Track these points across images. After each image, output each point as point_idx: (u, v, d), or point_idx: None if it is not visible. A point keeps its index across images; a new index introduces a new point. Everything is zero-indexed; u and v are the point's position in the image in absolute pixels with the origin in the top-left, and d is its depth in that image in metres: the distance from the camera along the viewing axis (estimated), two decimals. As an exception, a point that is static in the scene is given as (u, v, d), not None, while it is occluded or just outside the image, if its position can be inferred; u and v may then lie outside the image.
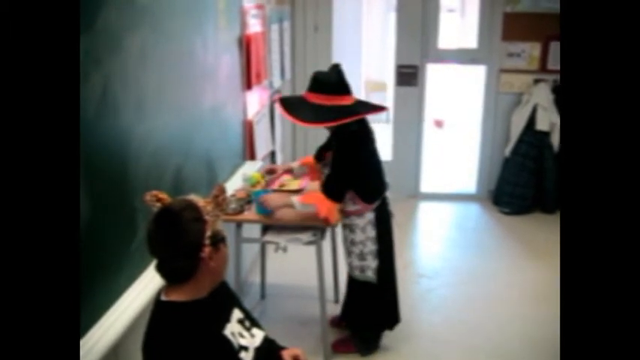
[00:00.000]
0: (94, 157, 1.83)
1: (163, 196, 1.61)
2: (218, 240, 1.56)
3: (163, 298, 1.60)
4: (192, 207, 1.55)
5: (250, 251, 3.92)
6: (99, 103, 1.85)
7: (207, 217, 1.54)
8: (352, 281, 3.05)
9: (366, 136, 2.79)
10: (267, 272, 3.70)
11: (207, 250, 1.52)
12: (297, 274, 3.88)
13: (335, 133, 2.74)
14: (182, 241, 1.52)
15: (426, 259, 4.40)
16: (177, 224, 1.52)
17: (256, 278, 3.78)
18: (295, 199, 2.63)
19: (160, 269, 1.57)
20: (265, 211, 2.75)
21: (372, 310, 3.03)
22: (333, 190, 2.68)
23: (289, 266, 3.96)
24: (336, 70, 2.70)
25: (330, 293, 3.51)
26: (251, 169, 3.53)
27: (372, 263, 2.90)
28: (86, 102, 1.76)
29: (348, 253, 2.96)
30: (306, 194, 2.65)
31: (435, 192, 5.74)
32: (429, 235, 4.92)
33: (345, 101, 2.68)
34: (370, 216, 2.85)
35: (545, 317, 3.48)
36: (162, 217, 1.55)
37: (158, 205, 1.59)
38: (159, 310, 1.60)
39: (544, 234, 4.78)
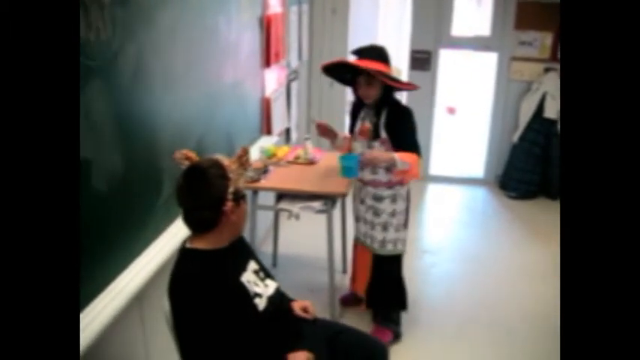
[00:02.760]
0: (127, 120, 2.03)
1: (192, 154, 1.80)
2: (240, 196, 1.77)
3: (188, 245, 1.80)
4: (218, 165, 1.75)
5: (264, 221, 4.12)
6: (133, 71, 2.04)
7: (230, 175, 1.73)
8: (381, 260, 3.03)
9: None
10: (280, 242, 3.90)
11: (229, 204, 1.71)
12: (307, 245, 4.08)
13: (387, 102, 2.80)
14: (207, 194, 1.71)
15: (431, 237, 4.58)
16: (204, 179, 1.72)
17: (269, 248, 3.97)
18: (396, 156, 2.68)
19: (187, 219, 1.77)
20: (354, 174, 2.83)
21: (401, 284, 3.12)
22: (419, 147, 2.78)
23: (300, 237, 4.16)
24: (384, 47, 2.84)
25: (338, 264, 3.70)
26: (267, 142, 3.73)
27: (403, 234, 3.00)
28: (123, 70, 1.96)
29: (384, 227, 2.95)
30: (399, 153, 2.69)
31: (444, 175, 5.90)
32: (436, 216, 5.10)
33: (390, 71, 2.78)
34: (407, 184, 2.96)
35: (544, 295, 3.66)
36: (192, 172, 1.74)
37: (186, 162, 1.78)
38: (183, 256, 1.79)
39: (548, 218, 4.94)
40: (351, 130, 3.03)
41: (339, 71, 2.88)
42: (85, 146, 1.75)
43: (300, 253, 4.07)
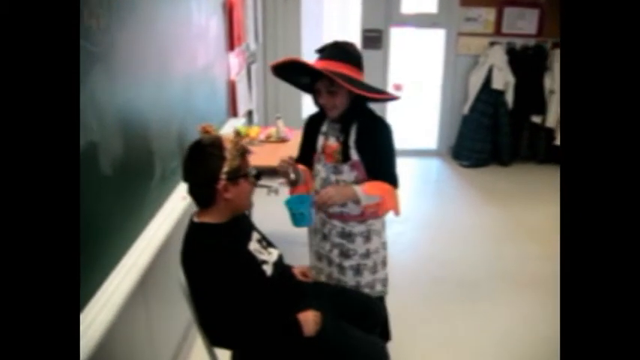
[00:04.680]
0: (124, 104, 2.10)
1: (210, 128, 1.90)
2: (238, 175, 1.84)
3: (196, 220, 1.91)
4: (217, 145, 1.83)
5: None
6: (127, 57, 2.11)
7: (227, 155, 1.81)
8: None
9: None
10: (256, 216, 4.00)
11: (222, 183, 1.81)
12: (285, 220, 4.19)
13: (357, 114, 2.23)
14: (202, 171, 1.82)
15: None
16: (199, 157, 1.82)
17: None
18: (359, 190, 2.15)
19: (189, 193, 1.88)
20: (308, 221, 2.16)
21: (386, 326, 2.58)
22: (396, 176, 2.29)
23: (276, 211, 4.28)
24: (354, 46, 2.24)
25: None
26: (236, 124, 3.82)
27: (381, 273, 2.44)
28: (119, 55, 2.03)
29: (357, 270, 2.38)
30: (367, 184, 2.17)
31: (399, 148, 6.08)
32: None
33: (359, 76, 2.19)
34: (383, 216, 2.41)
35: (502, 253, 3.95)
36: (191, 150, 1.84)
37: (206, 135, 1.88)
38: (194, 229, 1.90)
39: (500, 183, 5.26)
40: (306, 151, 2.40)
41: (294, 72, 2.23)
42: (92, 130, 1.82)
43: (276, 230, 4.18)
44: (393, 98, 2.23)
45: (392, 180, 2.25)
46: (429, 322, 3.17)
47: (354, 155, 2.21)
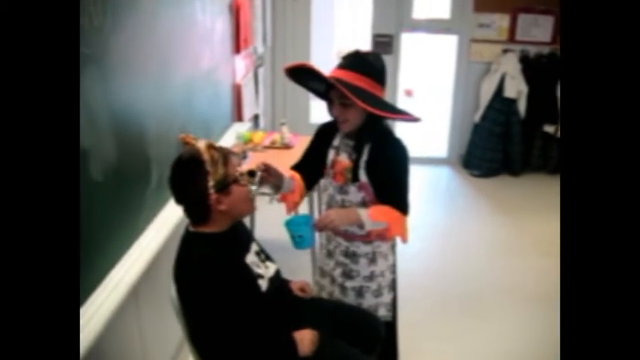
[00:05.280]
0: (119, 109, 2.02)
1: (190, 139, 1.80)
2: (227, 184, 1.74)
3: (191, 229, 1.82)
4: (197, 159, 1.71)
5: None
6: (123, 59, 2.03)
7: (208, 168, 1.70)
8: None
9: None
10: (257, 224, 3.91)
11: (213, 197, 1.72)
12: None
13: (372, 133, 2.07)
14: (189, 191, 1.74)
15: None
16: (183, 176, 1.74)
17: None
18: (364, 215, 2.00)
19: (184, 212, 1.80)
20: (308, 244, 2.04)
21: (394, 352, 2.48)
22: (406, 203, 2.10)
23: (278, 219, 4.18)
24: (379, 57, 2.04)
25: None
26: (240, 129, 3.74)
27: (386, 298, 2.29)
28: (114, 57, 1.95)
29: (358, 292, 2.25)
30: (374, 209, 2.03)
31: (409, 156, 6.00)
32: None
33: (379, 92, 2.00)
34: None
35: (511, 266, 3.83)
36: (173, 170, 1.75)
37: (186, 147, 1.79)
38: (189, 239, 1.82)
39: (511, 194, 5.13)
40: (307, 160, 2.28)
41: (310, 77, 2.04)
42: (82, 135, 1.74)
43: (278, 236, 4.09)
44: (411, 119, 2.04)
45: (402, 207, 2.08)
46: (437, 338, 3.08)
47: (363, 176, 2.07)
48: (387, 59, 5.53)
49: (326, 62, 2.19)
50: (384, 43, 5.61)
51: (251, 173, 1.87)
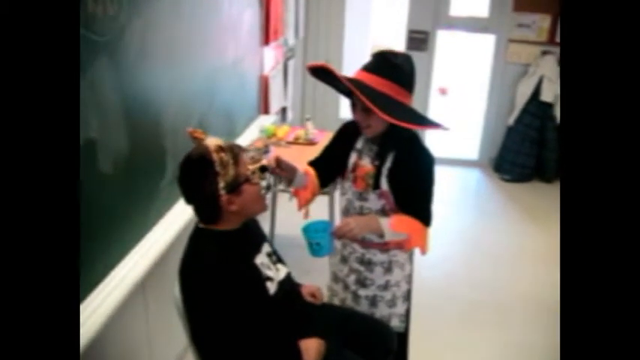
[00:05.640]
0: (132, 98, 1.96)
1: (199, 134, 1.72)
2: (238, 184, 1.66)
3: (200, 225, 1.75)
4: (206, 160, 1.63)
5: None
6: (139, 48, 1.97)
7: (218, 169, 1.62)
8: None
9: None
10: (277, 222, 3.85)
11: (224, 198, 1.65)
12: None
13: (397, 140, 1.94)
14: (198, 192, 1.66)
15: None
16: (192, 178, 1.66)
17: (266, 228, 3.92)
18: (385, 224, 1.91)
19: (194, 212, 1.73)
20: (326, 251, 1.93)
21: None
22: (430, 214, 2.02)
23: (299, 218, 4.12)
24: (409, 60, 1.89)
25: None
26: (265, 122, 3.67)
27: (400, 308, 2.19)
28: (129, 46, 1.89)
29: (372, 301, 2.15)
30: (395, 219, 1.93)
31: (438, 156, 5.84)
32: (431, 198, 5.08)
33: (405, 99, 1.87)
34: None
35: (541, 277, 3.68)
36: (182, 170, 1.67)
37: (196, 141, 1.71)
38: (197, 236, 1.75)
39: (543, 201, 4.95)
40: (326, 157, 2.17)
41: (333, 77, 1.87)
42: (91, 125, 1.69)
43: (297, 234, 4.02)
44: (437, 129, 1.90)
45: (425, 218, 1.98)
46: (455, 349, 2.97)
47: (384, 184, 1.95)
48: (421, 56, 5.50)
49: (360, 57, 2.03)
50: (419, 39, 5.47)
51: (263, 169, 1.79)
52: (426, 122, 1.92)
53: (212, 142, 1.68)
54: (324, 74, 1.92)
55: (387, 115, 1.75)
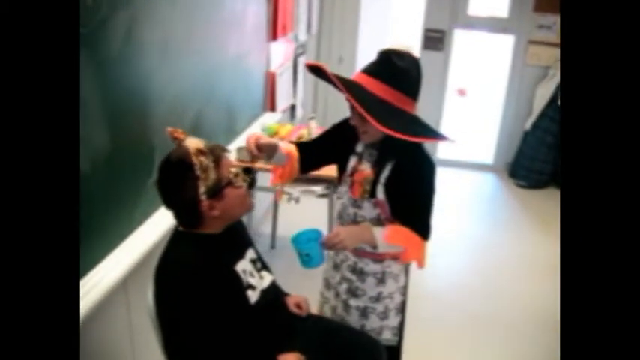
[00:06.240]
0: (115, 93, 1.86)
1: (179, 134, 1.61)
2: (220, 188, 1.57)
3: (180, 228, 1.66)
4: (186, 163, 1.54)
5: (263, 201, 3.97)
6: (123, 42, 1.87)
7: (198, 173, 1.53)
8: None
9: None
10: (279, 223, 3.76)
11: (205, 203, 1.55)
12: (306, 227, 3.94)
13: (396, 148, 1.78)
14: (178, 197, 1.57)
15: (434, 224, 4.40)
16: (171, 182, 1.57)
17: (267, 229, 3.84)
18: (379, 235, 1.79)
19: (174, 217, 1.63)
20: (317, 262, 1.81)
21: None
22: (429, 227, 1.88)
23: (300, 219, 4.01)
24: (417, 64, 1.76)
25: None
26: (270, 120, 3.56)
27: (393, 321, 2.07)
28: (111, 38, 1.79)
29: (362, 312, 2.03)
30: (391, 230, 1.80)
31: (452, 159, 5.72)
32: (440, 201, 4.89)
33: (408, 106, 1.75)
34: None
35: (550, 291, 3.51)
36: (161, 173, 1.58)
37: (175, 142, 1.61)
38: (175, 238, 1.65)
39: (558, 209, 4.77)
40: (316, 145, 2.05)
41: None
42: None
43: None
44: (438, 140, 1.79)
45: (423, 231, 1.84)
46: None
47: (380, 194, 1.83)
48: (437, 56, 5.35)
49: (375, 55, 1.88)
50: (436, 38, 5.33)
51: (247, 171, 1.68)
52: (428, 134, 1.76)
53: (192, 143, 1.58)
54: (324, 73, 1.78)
55: (382, 126, 1.61)
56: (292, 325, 1.84)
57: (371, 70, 1.73)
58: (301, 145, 2.03)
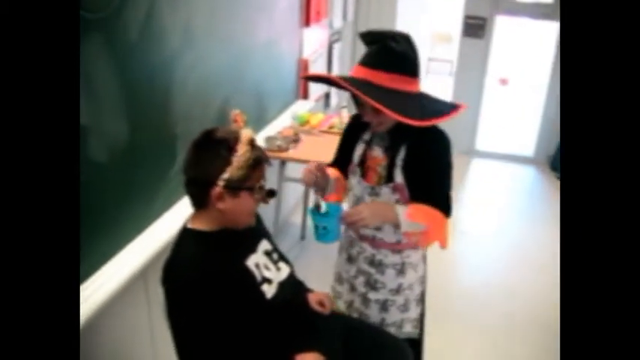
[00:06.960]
0: (134, 80, 1.81)
1: (239, 119, 1.55)
2: (240, 187, 1.50)
3: (188, 225, 1.59)
4: (229, 143, 1.48)
5: (294, 192, 3.90)
6: (144, 25, 1.81)
7: (233, 159, 1.48)
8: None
9: None
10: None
11: (217, 189, 1.48)
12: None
13: (410, 130, 1.67)
14: (199, 168, 1.49)
15: (472, 218, 4.28)
16: (202, 152, 1.50)
17: (297, 219, 3.77)
18: (402, 213, 1.73)
19: (185, 187, 1.56)
20: (332, 237, 1.76)
21: None
22: (449, 203, 1.80)
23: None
24: (410, 41, 1.72)
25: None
26: (302, 108, 3.48)
27: (413, 312, 2.00)
28: (130, 23, 1.73)
29: (382, 306, 1.97)
30: (413, 208, 1.74)
31: (491, 151, 5.55)
32: (478, 194, 4.78)
33: (414, 87, 1.70)
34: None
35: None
36: (198, 140, 1.52)
37: (223, 128, 1.55)
38: (181, 236, 1.59)
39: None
40: (343, 155, 1.98)
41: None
42: (81, 111, 1.54)
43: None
44: (452, 112, 1.70)
45: (444, 206, 1.76)
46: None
47: (399, 177, 1.76)
48: (477, 43, 5.17)
49: (420, 45, 1.79)
50: (476, 25, 5.15)
51: (270, 193, 1.61)
52: (444, 110, 1.71)
53: (246, 133, 1.51)
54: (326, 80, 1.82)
55: (403, 117, 1.57)
56: (313, 323, 1.76)
57: (373, 62, 1.68)
58: (334, 163, 2.02)
